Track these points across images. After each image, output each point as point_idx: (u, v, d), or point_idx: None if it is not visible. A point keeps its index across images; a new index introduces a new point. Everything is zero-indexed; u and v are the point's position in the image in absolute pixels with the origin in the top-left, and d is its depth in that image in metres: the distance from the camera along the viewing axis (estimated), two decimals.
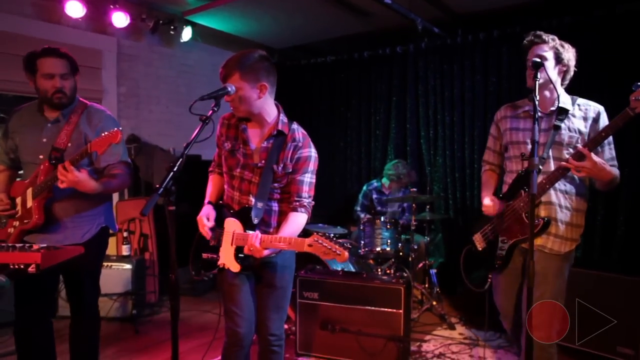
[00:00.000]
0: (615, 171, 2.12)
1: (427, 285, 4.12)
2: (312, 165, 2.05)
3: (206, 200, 2.18)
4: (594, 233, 3.84)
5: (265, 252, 1.88)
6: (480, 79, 4.47)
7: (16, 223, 2.34)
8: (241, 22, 4.83)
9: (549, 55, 2.17)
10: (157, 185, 1.57)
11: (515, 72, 4.24)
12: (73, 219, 2.33)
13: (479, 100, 4.50)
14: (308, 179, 2.04)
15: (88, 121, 2.36)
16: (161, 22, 4.57)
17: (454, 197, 4.70)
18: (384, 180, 4.60)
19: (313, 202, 2.08)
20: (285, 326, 3.69)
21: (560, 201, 2.17)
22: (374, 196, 4.68)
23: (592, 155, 1.96)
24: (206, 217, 2.05)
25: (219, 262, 2.02)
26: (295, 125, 2.07)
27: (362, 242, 3.91)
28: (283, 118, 2.05)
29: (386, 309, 3.04)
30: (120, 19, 4.27)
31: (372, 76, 5.23)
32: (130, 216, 4.44)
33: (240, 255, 1.96)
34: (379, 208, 4.64)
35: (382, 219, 3.89)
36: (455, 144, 4.67)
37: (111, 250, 4.67)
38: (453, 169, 4.70)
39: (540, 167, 2.12)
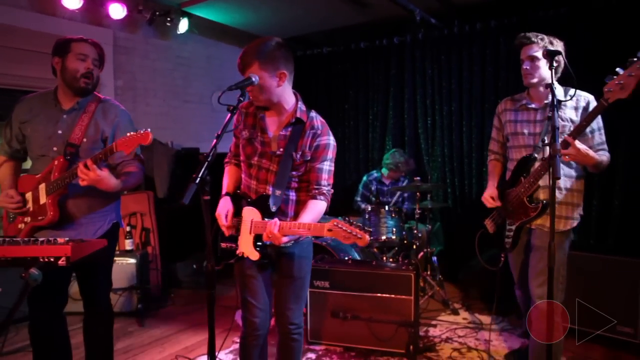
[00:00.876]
0: (603, 156, 2.30)
1: (429, 273, 4.20)
2: (331, 153, 2.06)
3: (223, 192, 2.17)
4: (590, 218, 3.95)
5: (284, 240, 1.89)
6: (478, 70, 4.54)
7: (27, 219, 2.30)
8: (238, 13, 4.80)
9: (539, 54, 2.31)
10: (194, 175, 1.57)
11: (512, 63, 4.31)
12: (86, 216, 2.30)
13: (476, 90, 4.57)
14: (327, 166, 2.05)
15: (104, 115, 2.32)
16: (158, 13, 4.52)
17: (452, 186, 4.79)
18: (383, 170, 4.66)
19: (332, 190, 2.10)
20: None
21: (559, 183, 2.34)
22: (374, 187, 4.74)
23: (576, 142, 2.11)
24: (224, 215, 2.04)
25: (238, 251, 2.02)
26: (313, 113, 2.08)
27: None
28: (301, 106, 2.05)
29: (397, 296, 3.10)
30: (117, 11, 4.21)
31: (369, 67, 5.26)
32: (131, 210, 4.40)
33: (259, 243, 1.98)
34: (380, 198, 4.70)
35: (387, 207, 3.94)
36: (453, 134, 4.75)
37: None
38: (451, 158, 4.78)
39: (536, 155, 2.34)
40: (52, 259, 1.75)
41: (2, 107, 3.81)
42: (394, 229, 3.88)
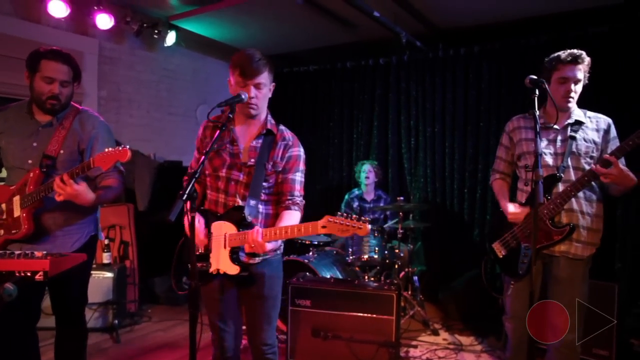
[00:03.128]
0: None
1: (410, 292, 4.21)
2: (302, 164, 2.08)
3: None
4: None
5: (269, 246, 1.86)
6: (461, 93, 4.64)
7: (0, 232, 2.23)
8: (226, 29, 4.82)
9: (581, 75, 2.25)
10: (181, 192, 1.55)
11: (494, 86, 4.44)
12: (63, 229, 2.25)
13: (459, 112, 4.66)
14: (299, 177, 2.07)
15: (81, 127, 2.27)
16: (145, 25, 4.50)
17: (434, 206, 4.83)
18: (361, 184, 4.68)
19: (304, 201, 2.09)
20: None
21: (582, 207, 2.26)
22: (356, 204, 4.75)
23: (619, 162, 2.04)
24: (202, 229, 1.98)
25: (212, 269, 1.95)
26: (282, 127, 2.11)
27: (350, 249, 3.96)
28: (270, 119, 2.09)
29: (378, 316, 3.08)
30: (104, 21, 4.18)
31: (355, 86, 5.33)
32: (111, 223, 4.31)
33: (235, 256, 1.92)
34: (362, 216, 4.70)
35: (370, 227, 3.94)
36: (435, 155, 4.82)
37: None
38: (433, 178, 4.84)
39: (562, 175, 2.23)
40: (28, 274, 1.69)
41: None
42: (376, 248, 3.89)
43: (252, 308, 2.09)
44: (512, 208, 2.38)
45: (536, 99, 2.07)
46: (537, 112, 2.03)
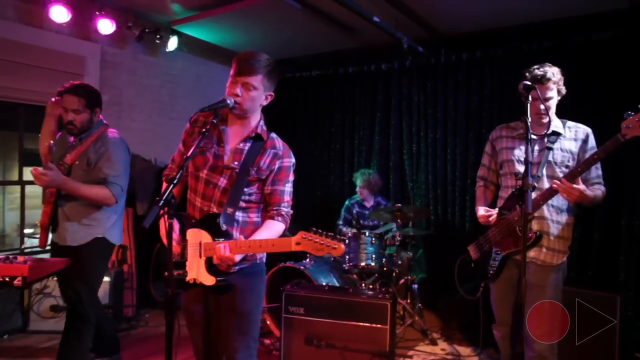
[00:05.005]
0: (598, 190, 2.31)
1: (409, 301, 4.15)
2: (292, 175, 2.03)
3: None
4: (572, 251, 3.95)
5: (237, 258, 1.80)
6: (463, 98, 4.58)
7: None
8: (228, 34, 4.83)
9: (553, 93, 2.32)
10: (157, 198, 1.54)
11: (496, 92, 4.38)
12: (71, 224, 2.70)
13: (460, 118, 4.61)
14: (289, 188, 2.01)
15: (95, 145, 2.75)
16: (147, 30, 4.53)
17: (435, 213, 4.77)
18: (357, 191, 4.65)
19: (292, 211, 2.03)
20: (268, 341, 3.65)
21: (552, 216, 2.34)
22: (355, 210, 4.71)
23: (578, 186, 2.12)
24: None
25: (188, 278, 1.87)
26: (274, 135, 2.04)
27: (347, 256, 3.91)
28: (263, 125, 2.03)
29: (372, 325, 3.03)
30: (105, 26, 4.20)
31: (357, 92, 5.30)
32: None
33: (212, 266, 1.84)
34: (361, 221, 4.67)
35: (367, 233, 3.91)
36: (437, 161, 4.76)
37: None
38: (435, 185, 4.77)
39: (536, 184, 2.27)
40: (7, 279, 1.70)
41: None
42: (374, 256, 3.84)
43: (224, 321, 1.99)
44: (480, 211, 2.46)
45: (529, 105, 2.05)
46: (529, 119, 1.99)
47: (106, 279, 3.81)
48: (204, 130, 1.83)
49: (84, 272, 2.69)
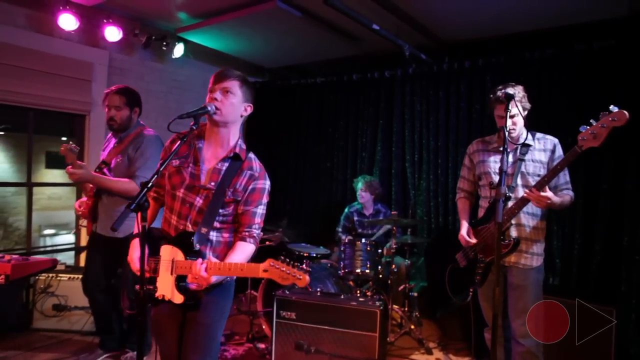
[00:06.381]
0: (566, 195, 2.49)
1: (406, 309, 4.13)
2: (266, 197, 2.03)
3: (134, 231, 1.99)
4: (572, 262, 3.89)
5: (213, 279, 1.81)
6: (465, 106, 4.56)
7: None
8: (233, 41, 4.92)
9: (516, 110, 2.43)
10: (129, 202, 1.58)
11: None
12: (109, 219, 3.01)
13: (463, 126, 4.58)
14: (261, 210, 2.02)
15: (134, 143, 3.04)
16: (154, 37, 4.64)
17: (436, 222, 4.74)
18: (357, 197, 4.65)
19: (262, 234, 2.05)
20: (263, 345, 3.68)
21: (529, 222, 2.53)
22: (355, 218, 4.71)
23: (545, 193, 2.29)
24: (137, 259, 1.87)
25: (158, 294, 1.88)
26: (252, 155, 2.05)
27: (342, 263, 3.92)
28: (242, 144, 2.04)
29: (362, 332, 3.04)
30: (112, 34, 4.32)
31: (360, 99, 5.31)
32: None
33: (182, 284, 1.85)
34: (359, 230, 4.66)
35: (363, 240, 3.91)
36: (439, 169, 4.73)
37: None
38: (436, 193, 4.75)
39: (511, 194, 2.45)
40: None
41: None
42: (368, 263, 3.84)
43: (185, 333, 1.97)
44: (463, 231, 2.69)
45: (508, 114, 2.10)
46: (507, 129, 2.02)
47: None
48: (182, 136, 1.87)
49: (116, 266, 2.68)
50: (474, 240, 2.60)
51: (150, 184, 1.66)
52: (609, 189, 3.72)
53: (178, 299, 1.84)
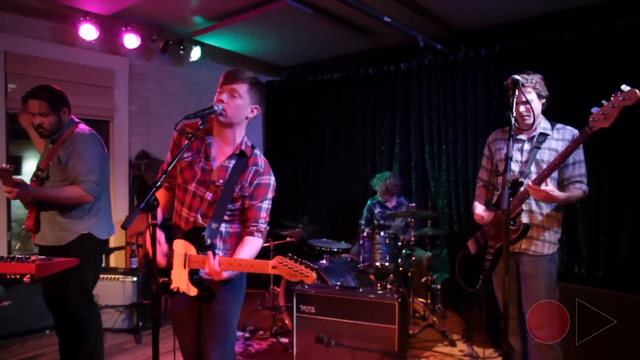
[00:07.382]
0: (578, 190, 2.40)
1: (429, 301, 4.10)
2: (271, 192, 2.07)
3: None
4: (599, 251, 3.79)
5: (225, 275, 1.87)
6: (483, 95, 4.48)
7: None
8: (248, 41, 4.98)
9: (532, 96, 2.42)
10: (139, 200, 1.64)
11: None
12: (52, 226, 2.69)
13: (481, 115, 4.51)
14: (266, 205, 2.06)
15: (64, 144, 2.70)
16: (171, 42, 4.76)
17: (458, 213, 4.69)
18: (377, 196, 4.66)
19: (268, 227, 2.09)
20: (286, 340, 3.74)
21: (542, 209, 2.46)
22: (377, 210, 4.72)
23: (544, 187, 2.24)
24: (158, 242, 1.93)
25: (172, 286, 1.95)
26: (257, 151, 2.09)
27: (361, 257, 3.93)
28: (247, 141, 2.07)
29: (381, 324, 3.04)
30: (131, 40, 4.46)
31: (377, 92, 5.30)
32: (139, 230, 4.55)
33: (195, 277, 1.92)
34: (381, 222, 4.66)
35: (382, 234, 3.91)
36: (458, 159, 4.68)
37: (120, 263, 4.82)
38: (457, 184, 4.70)
39: (524, 180, 2.42)
40: (17, 276, 1.87)
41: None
42: (387, 256, 3.83)
43: (202, 324, 2.04)
44: (478, 209, 2.63)
45: (514, 101, 2.08)
46: (514, 115, 1.99)
47: (133, 278, 4.03)
48: (190, 135, 1.92)
49: (76, 270, 2.52)
50: (490, 216, 2.54)
51: (160, 182, 1.71)
52: (635, 174, 3.60)
53: (192, 291, 1.91)
